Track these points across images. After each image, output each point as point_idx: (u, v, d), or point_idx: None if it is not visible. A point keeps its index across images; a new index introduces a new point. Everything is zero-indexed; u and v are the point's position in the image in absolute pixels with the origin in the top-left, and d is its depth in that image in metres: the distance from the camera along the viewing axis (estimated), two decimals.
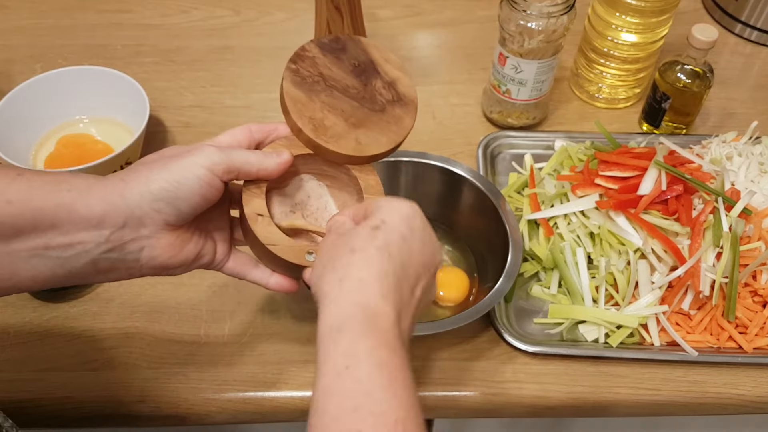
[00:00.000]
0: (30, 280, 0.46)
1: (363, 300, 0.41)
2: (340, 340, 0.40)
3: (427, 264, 0.46)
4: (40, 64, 0.92)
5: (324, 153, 0.53)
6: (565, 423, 0.83)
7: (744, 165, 0.74)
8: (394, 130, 0.55)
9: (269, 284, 0.55)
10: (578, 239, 0.70)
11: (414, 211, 0.47)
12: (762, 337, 0.67)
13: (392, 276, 0.43)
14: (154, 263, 0.49)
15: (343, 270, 0.43)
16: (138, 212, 0.46)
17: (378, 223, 0.45)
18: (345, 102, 0.54)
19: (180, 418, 0.63)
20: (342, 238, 0.45)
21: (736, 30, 1.01)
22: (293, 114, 0.52)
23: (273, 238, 0.51)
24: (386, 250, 0.43)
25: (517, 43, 0.76)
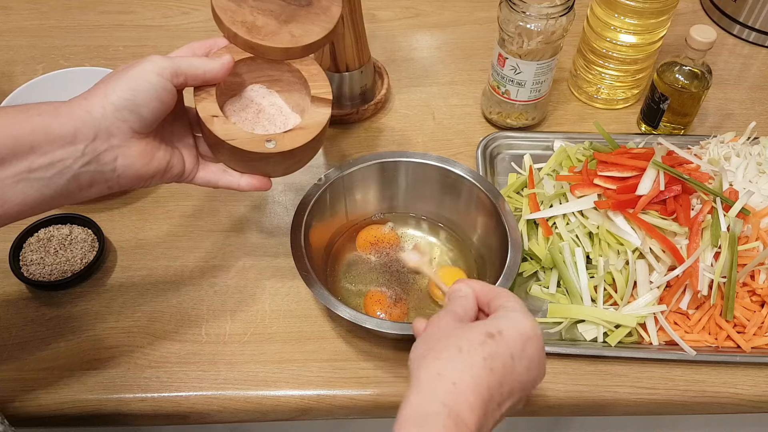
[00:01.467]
0: (20, 205, 0.49)
1: (451, 403, 0.42)
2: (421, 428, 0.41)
3: (525, 385, 0.47)
4: (41, 65, 0.92)
5: (262, 51, 0.56)
6: (563, 422, 0.83)
7: (742, 165, 0.75)
8: (324, 19, 0.57)
9: (240, 185, 0.58)
10: (577, 239, 0.71)
11: (534, 333, 0.47)
12: (760, 336, 0.67)
13: (486, 390, 0.44)
14: (130, 172, 0.52)
15: (444, 365, 0.44)
16: (104, 123, 0.50)
17: (494, 332, 0.46)
18: (273, 3, 0.56)
19: (181, 417, 0.64)
20: (456, 330, 0.46)
21: (734, 31, 1.01)
22: (225, 21, 0.55)
23: (230, 134, 0.54)
24: (491, 363, 0.44)
25: (516, 45, 0.77)
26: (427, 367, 0.44)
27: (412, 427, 0.42)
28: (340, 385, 0.64)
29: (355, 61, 0.82)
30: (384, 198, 0.75)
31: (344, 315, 0.61)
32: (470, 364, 0.44)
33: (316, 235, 0.69)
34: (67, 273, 0.69)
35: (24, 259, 0.70)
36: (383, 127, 0.87)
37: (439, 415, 0.42)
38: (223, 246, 0.74)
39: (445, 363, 0.44)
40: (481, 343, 0.45)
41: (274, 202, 0.79)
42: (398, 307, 0.69)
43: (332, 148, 0.84)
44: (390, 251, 0.73)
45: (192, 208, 0.77)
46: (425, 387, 0.43)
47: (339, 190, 0.72)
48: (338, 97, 0.85)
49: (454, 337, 0.46)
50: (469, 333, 0.46)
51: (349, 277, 0.72)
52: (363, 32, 0.81)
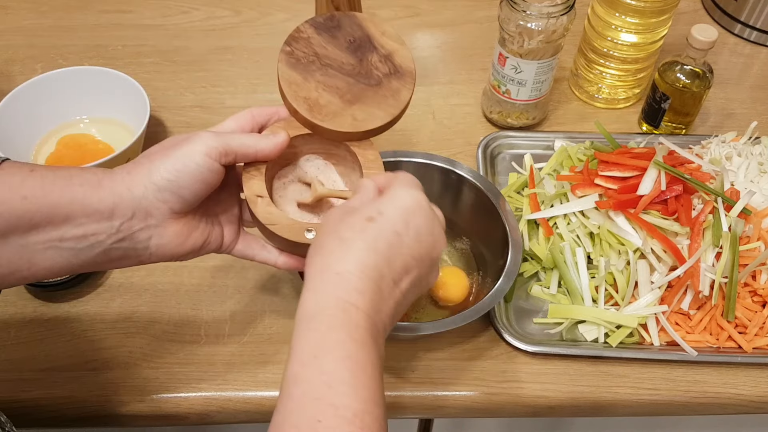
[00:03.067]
0: (46, 270, 0.48)
1: (338, 293, 0.42)
2: (312, 329, 0.42)
3: (422, 257, 0.46)
4: (40, 65, 0.92)
5: (321, 132, 0.54)
6: (564, 423, 0.83)
7: (743, 165, 0.74)
8: (391, 104, 0.55)
9: (278, 263, 0.56)
10: (578, 239, 0.70)
11: (415, 204, 0.47)
12: (761, 336, 0.67)
13: (374, 271, 0.44)
14: (163, 251, 0.51)
15: (326, 259, 0.44)
16: (144, 203, 0.49)
17: (374, 215, 0.45)
18: (340, 79, 0.54)
19: (180, 418, 0.64)
20: (339, 222, 0.46)
21: (735, 30, 1.01)
22: (288, 96, 0.53)
23: (272, 218, 0.52)
24: (374, 244, 0.44)
25: (517, 44, 0.76)
26: (313, 263, 0.44)
27: (305, 325, 0.42)
28: None
29: None
30: None
31: None
32: (352, 251, 0.44)
33: None
34: None
35: None
36: None
37: (327, 307, 0.42)
38: None
39: (328, 256, 0.44)
40: (361, 229, 0.45)
41: None
42: None
43: None
44: None
45: None
46: (312, 285, 0.43)
47: None
48: None
49: (336, 229, 0.45)
50: (350, 221, 0.45)
51: None
52: None
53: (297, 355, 0.41)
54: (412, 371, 0.65)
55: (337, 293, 0.42)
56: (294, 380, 0.40)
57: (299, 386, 0.40)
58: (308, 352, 0.41)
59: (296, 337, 0.42)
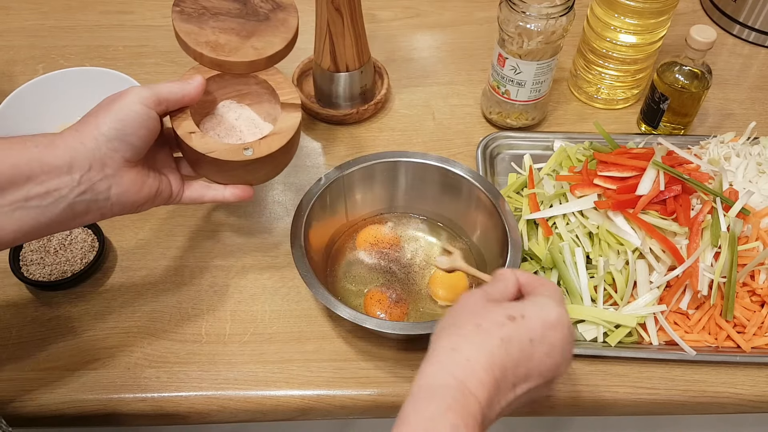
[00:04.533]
0: (15, 232, 0.51)
1: (462, 377, 0.44)
2: (430, 401, 0.43)
3: (545, 372, 0.47)
4: (41, 65, 0.92)
5: (229, 67, 0.59)
6: (563, 422, 0.83)
7: (742, 165, 0.75)
8: (283, 31, 0.60)
9: (225, 197, 0.61)
10: (577, 239, 0.71)
11: (559, 321, 0.48)
12: (760, 336, 0.67)
13: (499, 369, 0.45)
14: (123, 200, 0.55)
15: (460, 341, 0.46)
16: (98, 154, 0.53)
17: (516, 316, 0.47)
18: (232, 22, 0.60)
19: (181, 417, 0.64)
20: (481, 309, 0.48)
21: (734, 31, 1.01)
22: (190, 43, 0.58)
23: (209, 147, 0.57)
24: (507, 344, 0.46)
25: (516, 45, 0.77)
26: (445, 340, 0.46)
27: (423, 396, 0.44)
28: (340, 385, 0.64)
29: (355, 61, 0.82)
30: (384, 198, 0.75)
31: (344, 315, 0.61)
32: (486, 343, 0.45)
33: (316, 235, 0.69)
34: (67, 273, 0.69)
35: (24, 259, 0.70)
36: (383, 127, 0.87)
37: (449, 387, 0.43)
38: (223, 246, 0.74)
39: (462, 338, 0.46)
40: (501, 324, 0.46)
41: (274, 203, 0.79)
42: (398, 307, 0.69)
43: (332, 149, 0.84)
44: (390, 251, 0.73)
45: (192, 209, 0.77)
46: (440, 359, 0.45)
47: (339, 190, 0.72)
48: (338, 97, 0.85)
49: (477, 315, 0.47)
50: (492, 313, 0.47)
51: (349, 277, 0.72)
52: (363, 32, 0.81)
53: (411, 421, 0.43)
54: (413, 371, 0.65)
55: (460, 377, 0.44)
56: None
57: None
58: (421, 425, 0.42)
59: (413, 402, 0.44)
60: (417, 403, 0.44)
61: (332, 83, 0.83)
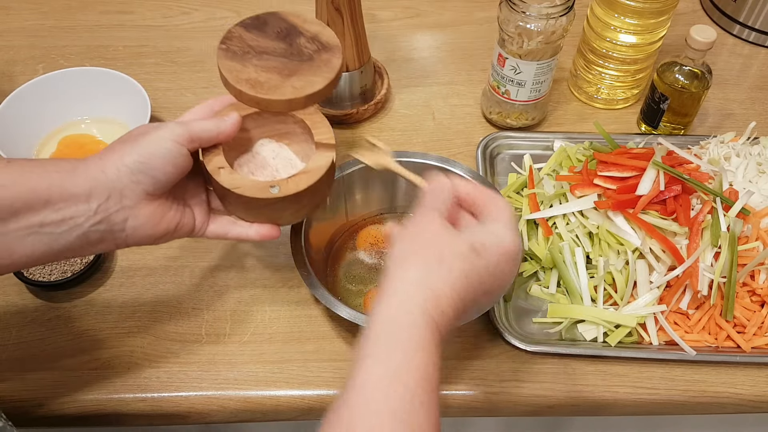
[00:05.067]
0: (26, 257, 0.50)
1: (429, 308, 0.44)
2: (400, 340, 0.43)
3: (491, 291, 0.49)
4: (42, 65, 0.92)
5: (267, 105, 0.58)
6: (563, 422, 0.83)
7: (742, 165, 0.75)
8: (325, 71, 0.59)
9: (250, 235, 0.60)
10: (577, 239, 0.71)
11: (513, 249, 0.49)
12: (760, 336, 0.67)
13: (460, 300, 0.46)
14: (139, 233, 0.54)
15: (425, 273, 0.46)
16: (119, 185, 0.51)
17: (479, 247, 0.48)
18: (275, 60, 0.59)
19: (181, 417, 0.64)
20: (442, 237, 0.48)
21: (734, 31, 1.01)
22: (231, 80, 0.57)
23: (236, 182, 0.56)
24: (469, 277, 0.46)
25: (516, 45, 0.77)
26: (408, 270, 0.46)
27: (386, 331, 0.43)
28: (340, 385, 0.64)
29: (355, 61, 0.82)
30: (384, 198, 0.75)
31: (344, 315, 0.61)
32: (451, 276, 0.46)
33: (316, 235, 0.69)
34: (67, 273, 0.69)
35: None
36: (383, 127, 0.87)
37: (414, 322, 0.43)
38: (223, 246, 0.74)
39: (426, 271, 0.46)
40: (464, 257, 0.47)
41: None
42: None
43: None
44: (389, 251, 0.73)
45: None
46: (405, 290, 0.45)
47: (339, 190, 0.72)
48: (338, 97, 0.85)
49: (439, 245, 0.47)
50: (454, 244, 0.47)
51: (349, 277, 0.72)
52: (363, 32, 0.81)
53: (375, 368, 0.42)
54: None
55: (427, 307, 0.44)
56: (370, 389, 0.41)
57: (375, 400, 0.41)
58: (392, 366, 0.42)
59: (374, 339, 0.43)
60: (379, 339, 0.43)
61: None
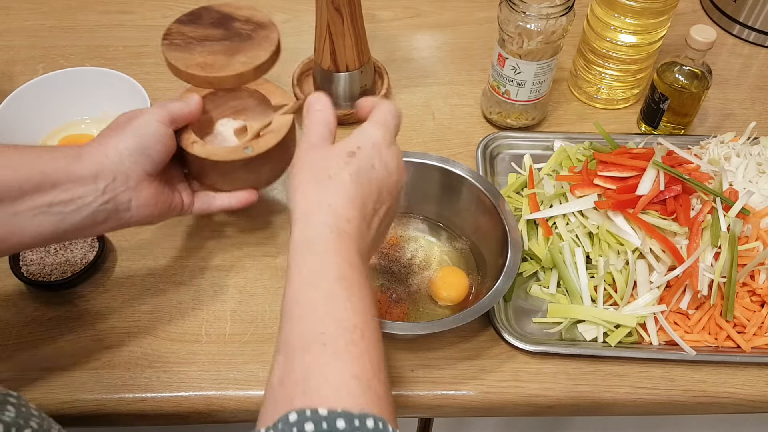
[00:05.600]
0: (34, 237, 0.53)
1: (331, 222, 0.47)
2: (309, 253, 0.46)
3: (390, 189, 0.52)
4: (41, 65, 0.92)
5: (219, 83, 0.63)
6: (563, 422, 0.83)
7: (742, 165, 0.75)
8: (266, 45, 0.65)
9: (232, 204, 0.66)
10: (577, 239, 0.71)
11: (384, 140, 0.52)
12: (760, 336, 0.67)
13: (358, 200, 0.49)
14: (141, 212, 0.59)
15: (319, 194, 0.49)
16: (122, 167, 0.56)
17: (354, 149, 0.50)
18: (218, 45, 0.64)
19: (181, 417, 0.64)
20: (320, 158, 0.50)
21: (734, 31, 1.01)
22: (181, 67, 0.62)
23: (210, 152, 0.62)
24: (357, 177, 0.49)
25: (516, 45, 0.77)
26: (304, 197, 0.49)
27: (300, 250, 0.46)
28: None
29: (355, 61, 0.82)
30: None
31: None
32: (341, 185, 0.49)
33: None
34: (67, 273, 0.69)
35: (24, 259, 0.70)
36: None
37: (323, 234, 0.46)
38: (223, 246, 0.74)
39: (319, 191, 0.49)
40: (345, 163, 0.49)
41: (274, 203, 0.79)
42: (398, 307, 0.69)
43: None
44: (390, 251, 0.73)
45: None
46: (306, 215, 0.48)
47: None
48: (338, 97, 0.85)
49: (320, 165, 0.50)
50: (333, 157, 0.50)
51: None
52: (363, 32, 0.81)
53: (296, 278, 0.45)
54: (412, 371, 0.65)
55: (330, 222, 0.47)
56: (295, 301, 0.45)
57: (300, 306, 0.44)
58: (307, 275, 0.45)
59: (294, 261, 0.46)
60: (297, 259, 0.46)
61: (332, 83, 0.83)
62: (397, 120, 0.54)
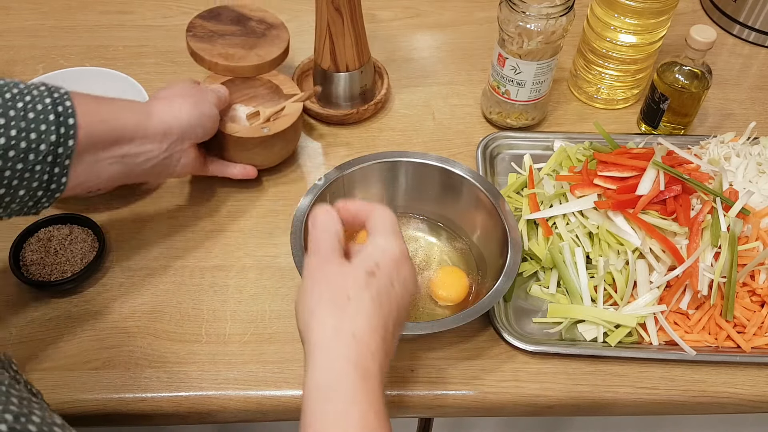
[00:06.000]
0: (107, 180, 0.62)
1: (355, 357, 0.43)
2: (331, 401, 0.42)
3: (406, 305, 0.49)
4: (41, 65, 0.92)
5: (239, 71, 0.75)
6: (563, 422, 0.83)
7: (742, 165, 0.75)
8: (278, 42, 0.77)
9: (234, 173, 0.76)
10: (577, 239, 0.71)
11: (402, 254, 0.49)
12: (760, 336, 0.67)
13: (381, 325, 0.45)
14: (182, 169, 0.69)
15: (337, 319, 0.44)
16: (184, 131, 0.66)
17: (374, 269, 0.47)
18: (237, 39, 0.76)
19: (181, 417, 0.64)
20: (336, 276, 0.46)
21: (734, 31, 1.01)
22: (206, 56, 0.74)
23: (234, 129, 0.73)
24: (378, 299, 0.46)
25: (516, 45, 0.77)
26: (321, 324, 0.44)
27: (322, 396, 0.42)
28: None
29: (355, 61, 0.82)
30: (384, 198, 0.75)
31: None
32: (362, 309, 0.45)
33: None
34: (67, 273, 0.69)
35: (24, 259, 0.70)
36: (383, 127, 0.87)
37: (348, 375, 0.42)
38: (223, 246, 0.74)
39: (338, 316, 0.44)
40: (366, 284, 0.46)
41: (274, 203, 0.79)
42: None
43: (332, 149, 0.84)
44: None
45: (192, 209, 0.78)
46: (325, 347, 0.43)
47: (339, 190, 0.72)
48: (338, 98, 0.85)
49: (337, 284, 0.46)
50: (351, 277, 0.46)
51: None
52: (363, 32, 0.81)
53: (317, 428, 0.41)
54: (412, 371, 0.65)
55: (353, 358, 0.43)
56: None
57: None
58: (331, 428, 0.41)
59: (313, 407, 0.42)
60: (316, 405, 0.42)
61: (332, 83, 0.83)
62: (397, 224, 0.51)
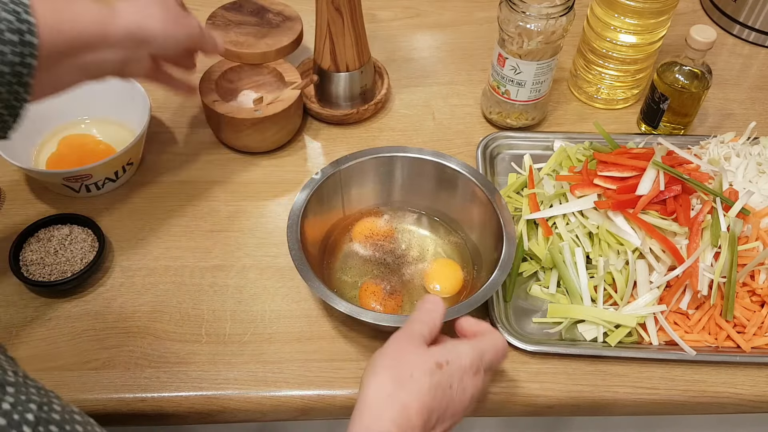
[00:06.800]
0: (68, 85, 0.60)
1: (399, 423, 0.48)
2: None
3: (456, 413, 0.52)
4: None
5: (247, 57, 0.79)
6: (563, 422, 0.83)
7: (742, 165, 0.75)
8: (289, 33, 0.80)
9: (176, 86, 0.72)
10: (577, 239, 0.71)
11: (472, 368, 0.53)
12: (760, 336, 0.67)
13: (426, 411, 0.49)
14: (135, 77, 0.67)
15: (395, 388, 0.50)
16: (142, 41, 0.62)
17: (443, 363, 0.51)
18: (251, 29, 0.80)
19: (181, 417, 0.64)
20: (410, 355, 0.52)
21: (734, 31, 1.01)
22: None
23: (227, 109, 0.77)
24: (435, 390, 0.50)
25: (516, 45, 0.77)
26: (380, 385, 0.50)
27: None
28: (340, 385, 0.64)
29: (355, 61, 0.82)
30: (380, 192, 0.76)
31: (341, 309, 0.61)
32: (418, 390, 0.49)
33: (313, 228, 0.70)
34: (67, 273, 0.69)
35: (24, 259, 0.70)
36: (383, 127, 0.87)
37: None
38: (223, 246, 0.74)
39: (396, 386, 0.49)
40: (431, 372, 0.50)
41: (274, 202, 0.79)
42: (393, 298, 0.69)
43: (332, 149, 0.84)
44: (385, 243, 0.74)
45: (192, 208, 0.78)
46: (377, 406, 0.49)
47: (336, 185, 0.72)
48: (338, 97, 0.85)
49: (407, 360, 0.51)
50: (422, 360, 0.51)
51: (345, 269, 0.72)
52: (363, 32, 0.81)
53: None
54: None
55: (399, 421, 0.48)
56: None
57: None
58: None
59: None
60: None
61: (332, 83, 0.84)
62: (496, 357, 0.55)
